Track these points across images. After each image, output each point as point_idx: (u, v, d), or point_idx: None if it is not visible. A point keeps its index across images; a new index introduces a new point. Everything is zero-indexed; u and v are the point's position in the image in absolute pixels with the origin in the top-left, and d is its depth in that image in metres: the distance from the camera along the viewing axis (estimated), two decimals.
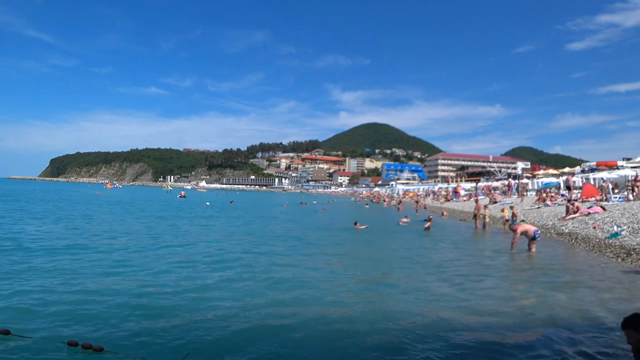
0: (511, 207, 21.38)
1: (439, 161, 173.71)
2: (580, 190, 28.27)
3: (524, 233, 13.31)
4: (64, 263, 9.72)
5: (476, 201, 24.62)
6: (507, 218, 20.84)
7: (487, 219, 21.51)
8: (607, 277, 9.69)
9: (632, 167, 34.62)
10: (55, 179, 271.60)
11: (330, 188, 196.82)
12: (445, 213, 32.58)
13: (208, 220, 24.43)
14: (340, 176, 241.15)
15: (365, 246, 15.44)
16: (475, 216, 22.43)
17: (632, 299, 7.89)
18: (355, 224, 20.92)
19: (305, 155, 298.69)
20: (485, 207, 22.84)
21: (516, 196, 37.07)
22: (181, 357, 4.68)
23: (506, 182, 45.02)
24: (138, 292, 7.35)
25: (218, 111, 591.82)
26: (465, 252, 14.04)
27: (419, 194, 68.19)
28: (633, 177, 23.56)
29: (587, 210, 18.61)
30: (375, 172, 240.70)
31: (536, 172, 60.29)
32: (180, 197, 56.02)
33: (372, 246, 15.50)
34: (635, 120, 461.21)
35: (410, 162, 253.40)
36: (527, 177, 53.15)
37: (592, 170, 40.10)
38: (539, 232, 13.42)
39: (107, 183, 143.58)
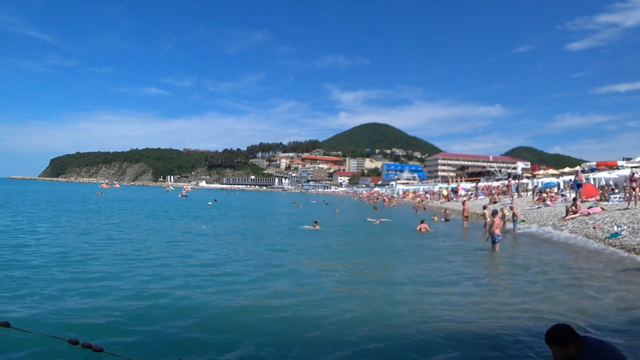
0: (511, 208, 21.42)
1: (439, 161, 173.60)
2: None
3: (491, 225, 13.55)
4: (68, 262, 9.75)
5: (463, 203, 24.86)
6: (507, 218, 20.85)
7: (487, 219, 21.50)
8: (607, 277, 9.70)
9: (632, 167, 34.63)
10: (55, 179, 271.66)
11: (330, 188, 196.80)
12: (447, 211, 32.43)
13: (213, 222, 24.43)
14: (340, 176, 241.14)
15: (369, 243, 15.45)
16: (465, 217, 22.65)
17: (632, 298, 7.91)
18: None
19: (305, 155, 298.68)
20: (485, 207, 22.87)
21: (516, 196, 37.07)
22: None
23: (506, 182, 45.01)
24: (140, 295, 7.33)
25: (218, 111, 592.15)
26: (463, 251, 14.05)
27: (419, 194, 68.11)
28: (629, 177, 23.43)
29: (587, 210, 18.62)
30: (375, 172, 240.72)
31: (536, 172, 60.26)
32: (181, 196, 56.68)
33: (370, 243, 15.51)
34: (635, 120, 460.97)
35: (410, 162, 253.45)
36: (527, 177, 53.13)
37: (592, 170, 40.07)
38: (499, 237, 13.61)
39: (103, 183, 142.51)
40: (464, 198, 38.96)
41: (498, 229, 13.75)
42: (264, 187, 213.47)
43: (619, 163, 41.36)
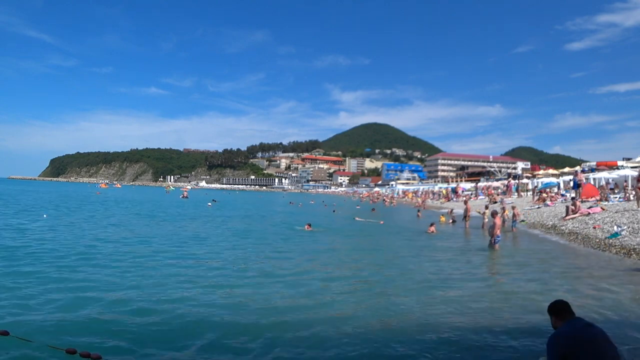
0: (513, 207, 21.41)
1: (439, 161, 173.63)
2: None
3: (492, 227, 13.73)
4: (66, 268, 9.65)
5: (465, 203, 24.78)
6: (506, 218, 20.84)
7: (487, 219, 21.48)
8: (607, 276, 9.68)
9: (632, 167, 34.60)
10: (55, 179, 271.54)
11: (330, 188, 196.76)
12: (452, 212, 32.35)
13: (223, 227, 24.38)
14: (340, 176, 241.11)
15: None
16: (465, 217, 22.55)
17: (632, 298, 7.88)
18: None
19: (305, 155, 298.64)
20: (486, 207, 22.87)
21: (516, 196, 37.05)
22: None
23: (506, 182, 45.00)
24: (138, 302, 7.22)
25: (218, 111, 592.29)
26: (462, 252, 14.02)
27: (419, 194, 68.11)
28: (636, 177, 23.25)
29: (587, 210, 18.60)
30: (375, 172, 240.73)
31: (536, 172, 60.27)
32: (182, 197, 56.07)
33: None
34: (635, 120, 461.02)
35: (410, 162, 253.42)
36: (527, 177, 53.13)
37: (592, 170, 40.05)
38: (499, 237, 13.82)
39: (101, 183, 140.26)
40: (464, 198, 38.90)
41: (499, 229, 13.87)
42: (264, 187, 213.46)
43: (619, 163, 41.36)
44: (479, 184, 53.60)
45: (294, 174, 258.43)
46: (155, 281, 8.53)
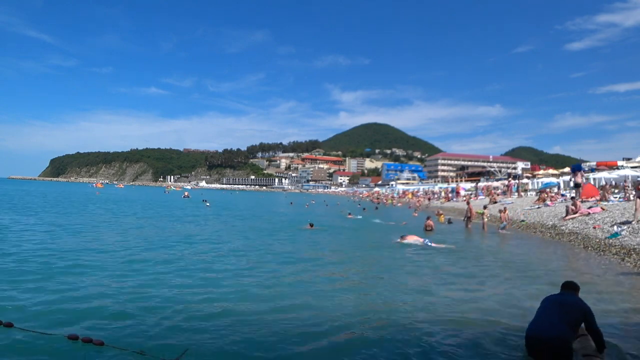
0: (505, 209, 21.49)
1: (439, 161, 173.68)
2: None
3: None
4: (64, 260, 9.75)
5: (467, 203, 24.66)
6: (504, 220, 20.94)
7: (486, 219, 21.51)
8: (608, 277, 9.70)
9: (632, 167, 34.67)
10: (55, 179, 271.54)
11: (330, 188, 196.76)
12: (440, 212, 32.42)
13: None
14: (340, 176, 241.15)
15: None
16: (468, 218, 22.40)
17: (632, 298, 7.91)
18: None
19: (305, 155, 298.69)
20: (485, 207, 22.87)
21: (516, 196, 37.07)
22: (180, 353, 4.69)
23: (506, 182, 45.03)
24: (139, 288, 7.39)
25: (218, 111, 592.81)
26: (462, 253, 14.05)
27: (419, 194, 68.17)
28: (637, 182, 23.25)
29: (587, 210, 18.63)
30: (375, 172, 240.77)
31: (536, 172, 60.33)
32: (184, 197, 57.30)
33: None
34: (635, 120, 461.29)
35: (410, 162, 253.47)
36: (527, 177, 53.18)
37: (592, 170, 40.08)
38: (428, 242, 14.43)
39: (97, 182, 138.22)
40: (465, 198, 38.89)
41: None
42: (264, 187, 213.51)
43: (619, 163, 41.42)
44: (479, 184, 53.62)
45: (294, 174, 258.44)
46: (160, 273, 8.53)
